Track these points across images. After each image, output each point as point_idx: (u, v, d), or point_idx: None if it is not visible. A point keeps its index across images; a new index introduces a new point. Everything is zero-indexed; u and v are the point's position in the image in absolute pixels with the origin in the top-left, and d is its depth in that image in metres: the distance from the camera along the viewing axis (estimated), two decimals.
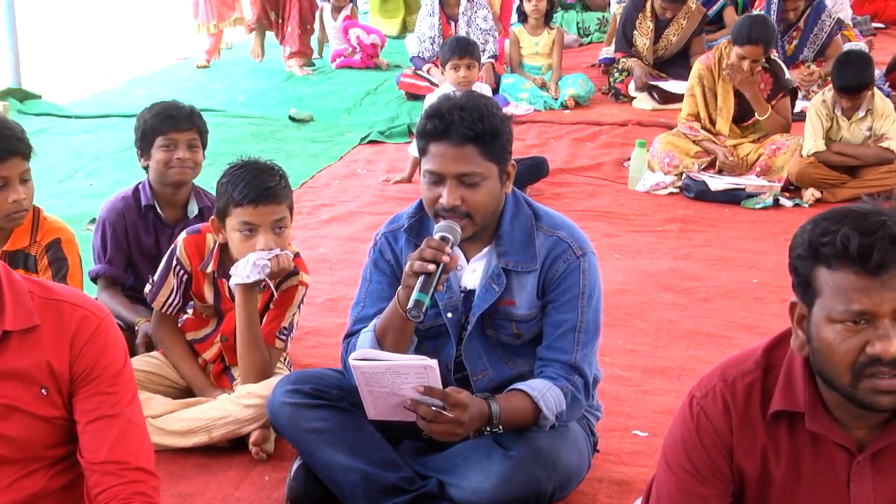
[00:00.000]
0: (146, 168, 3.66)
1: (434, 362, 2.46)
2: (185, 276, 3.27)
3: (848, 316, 1.76)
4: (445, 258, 2.51)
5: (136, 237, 3.67)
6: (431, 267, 2.49)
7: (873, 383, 1.76)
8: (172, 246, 3.29)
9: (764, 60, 5.93)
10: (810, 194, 5.72)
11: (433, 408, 2.49)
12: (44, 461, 2.11)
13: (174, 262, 3.25)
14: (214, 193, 3.23)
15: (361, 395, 2.57)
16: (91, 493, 2.08)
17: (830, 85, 5.83)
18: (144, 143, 3.61)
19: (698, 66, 6.19)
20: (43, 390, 2.05)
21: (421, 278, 2.50)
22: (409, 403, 2.52)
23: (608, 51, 8.76)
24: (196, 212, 3.68)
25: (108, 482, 2.05)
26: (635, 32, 7.98)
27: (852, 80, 5.56)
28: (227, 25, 9.38)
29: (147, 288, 3.33)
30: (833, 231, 1.76)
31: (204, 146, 3.68)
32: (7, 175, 3.02)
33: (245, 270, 3.05)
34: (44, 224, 3.27)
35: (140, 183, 3.71)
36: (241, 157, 3.21)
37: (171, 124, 3.56)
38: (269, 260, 3.06)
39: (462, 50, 5.77)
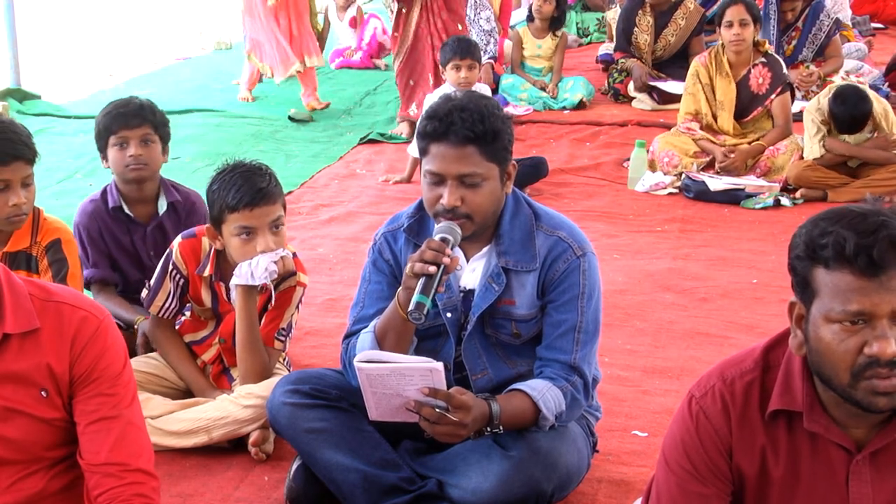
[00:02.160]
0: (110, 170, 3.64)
1: (440, 365, 2.46)
2: (182, 281, 3.26)
3: (845, 316, 1.76)
4: (446, 260, 2.51)
5: (112, 238, 3.66)
6: (432, 269, 2.49)
7: (871, 384, 1.76)
8: (168, 250, 3.28)
9: (757, 37, 6.01)
10: (800, 194, 5.74)
11: (437, 410, 2.49)
12: (43, 462, 2.11)
13: (170, 267, 3.25)
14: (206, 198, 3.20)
15: (364, 397, 2.56)
16: (91, 494, 2.08)
17: (828, 87, 5.85)
18: (101, 144, 3.60)
19: (695, 64, 6.22)
20: (43, 392, 2.05)
21: (422, 280, 2.50)
22: (413, 405, 2.52)
23: (608, 47, 8.76)
24: (165, 207, 3.64)
25: (108, 483, 2.06)
26: (636, 29, 7.98)
27: (851, 121, 5.59)
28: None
29: (143, 293, 3.33)
30: (831, 232, 1.76)
31: (164, 140, 3.61)
32: (8, 178, 3.02)
33: (258, 271, 3.05)
34: (44, 225, 3.26)
35: (108, 184, 3.69)
36: (226, 160, 3.19)
37: (120, 122, 3.53)
38: (275, 263, 3.07)
39: (463, 51, 5.77)
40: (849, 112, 5.55)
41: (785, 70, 6.14)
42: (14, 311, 2.01)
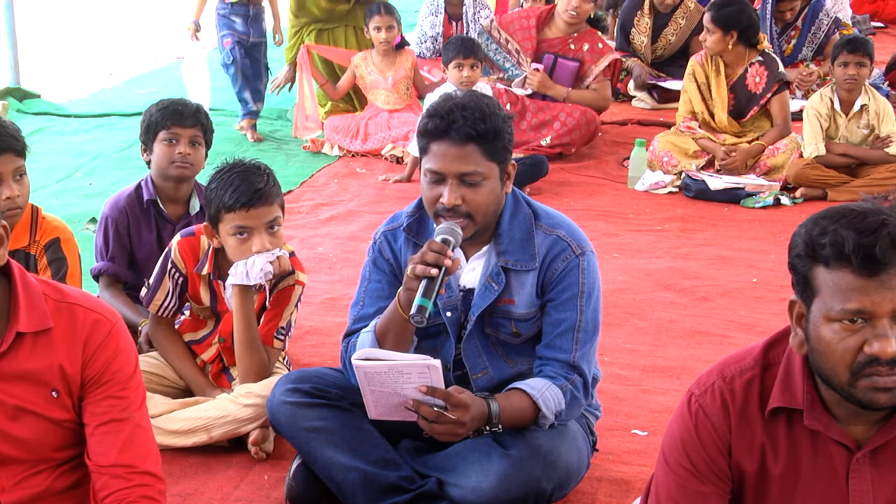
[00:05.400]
0: (148, 163, 3.68)
1: (437, 362, 2.46)
2: (181, 279, 3.26)
3: (845, 315, 1.76)
4: (448, 262, 2.50)
5: (137, 234, 3.69)
6: (434, 271, 2.49)
7: (871, 381, 1.76)
8: (167, 249, 3.29)
9: (736, 39, 5.98)
10: (800, 193, 5.75)
11: (435, 408, 2.49)
12: (50, 462, 2.12)
13: (169, 265, 3.25)
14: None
15: (363, 395, 2.56)
16: (98, 495, 2.09)
17: (829, 84, 5.85)
18: (148, 137, 3.65)
19: (692, 62, 6.23)
20: (54, 393, 2.06)
21: (423, 283, 2.49)
22: (411, 403, 2.52)
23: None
24: (198, 208, 3.69)
25: (115, 485, 2.06)
26: (633, 31, 7.99)
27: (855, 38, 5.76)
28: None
29: (143, 291, 3.33)
30: (831, 230, 1.76)
31: (208, 145, 3.70)
32: (0, 171, 3.01)
33: (253, 272, 3.05)
34: (43, 223, 3.26)
35: (143, 179, 3.73)
36: (225, 159, 3.20)
37: (175, 119, 3.59)
38: (271, 263, 3.06)
39: (466, 50, 5.79)
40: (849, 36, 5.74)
41: (781, 68, 6.14)
42: (28, 310, 2.02)
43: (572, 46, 6.46)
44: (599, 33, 6.65)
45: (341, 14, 7.08)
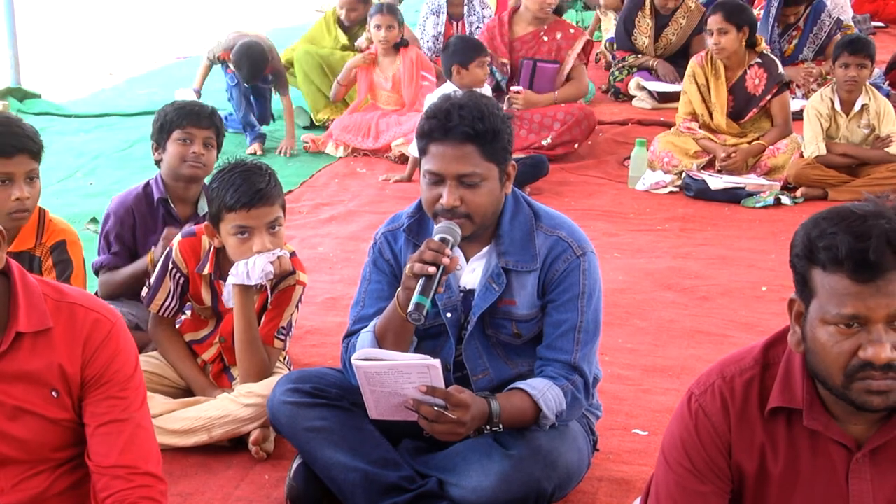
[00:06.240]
0: (158, 162, 3.70)
1: (437, 362, 2.46)
2: (182, 279, 3.27)
3: (840, 319, 1.76)
4: (446, 260, 2.51)
5: (143, 233, 3.69)
6: (432, 269, 2.49)
7: (865, 385, 1.77)
8: (168, 249, 3.29)
9: (744, 41, 5.97)
10: (800, 192, 5.75)
11: (435, 408, 2.50)
12: (50, 463, 2.12)
13: (170, 265, 3.25)
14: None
15: (363, 395, 2.57)
16: (99, 496, 2.09)
17: (830, 84, 5.85)
18: (161, 136, 3.66)
19: (692, 64, 6.24)
20: (53, 392, 2.06)
21: (421, 280, 2.49)
22: (412, 403, 2.52)
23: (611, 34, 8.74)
24: (206, 209, 3.69)
25: (116, 486, 2.07)
26: (635, 31, 7.99)
27: (856, 38, 5.77)
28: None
29: (144, 291, 3.34)
30: (830, 234, 1.75)
31: (219, 148, 3.72)
32: (12, 171, 3.00)
33: (254, 272, 3.05)
34: (50, 226, 3.26)
35: (152, 178, 3.74)
36: (227, 159, 3.21)
37: (191, 119, 3.62)
38: (272, 263, 3.07)
39: (481, 49, 5.82)
40: (850, 36, 5.74)
41: (781, 70, 6.14)
42: (27, 310, 2.02)
43: (545, 38, 6.54)
44: (567, 20, 6.74)
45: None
